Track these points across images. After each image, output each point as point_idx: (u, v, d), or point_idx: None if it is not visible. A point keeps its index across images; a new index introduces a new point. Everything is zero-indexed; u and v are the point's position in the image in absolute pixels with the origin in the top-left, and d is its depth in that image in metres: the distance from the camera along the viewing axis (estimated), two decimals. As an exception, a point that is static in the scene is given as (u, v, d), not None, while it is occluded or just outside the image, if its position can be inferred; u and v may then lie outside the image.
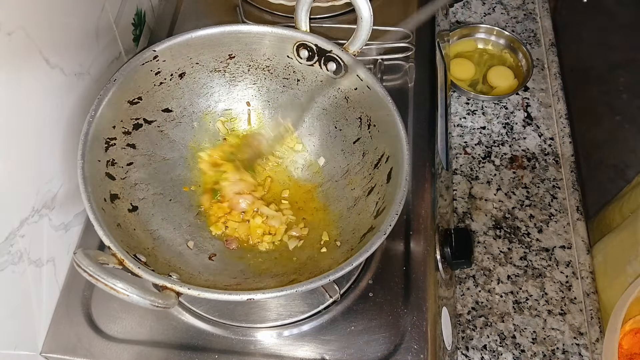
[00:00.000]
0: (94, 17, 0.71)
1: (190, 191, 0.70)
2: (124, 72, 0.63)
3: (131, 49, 0.83)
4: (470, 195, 0.97)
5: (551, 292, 0.88)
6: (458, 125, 1.05)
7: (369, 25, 0.64)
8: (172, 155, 0.70)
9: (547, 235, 0.94)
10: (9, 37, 0.54)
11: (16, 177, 0.58)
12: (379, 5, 0.86)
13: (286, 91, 0.72)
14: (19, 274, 0.60)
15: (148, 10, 0.89)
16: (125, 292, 0.47)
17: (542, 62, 1.14)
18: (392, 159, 0.62)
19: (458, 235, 0.72)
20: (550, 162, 1.01)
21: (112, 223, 0.57)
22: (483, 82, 1.11)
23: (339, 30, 0.85)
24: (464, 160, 1.01)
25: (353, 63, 0.65)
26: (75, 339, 0.64)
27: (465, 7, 1.21)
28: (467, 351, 0.83)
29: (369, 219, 0.61)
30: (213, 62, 0.70)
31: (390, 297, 0.66)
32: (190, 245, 0.65)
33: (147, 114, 0.67)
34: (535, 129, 1.05)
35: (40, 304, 0.64)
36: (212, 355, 0.63)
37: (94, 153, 0.59)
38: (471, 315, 0.86)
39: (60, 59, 0.63)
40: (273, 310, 0.66)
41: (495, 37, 1.15)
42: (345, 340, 0.64)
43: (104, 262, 0.50)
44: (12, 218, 0.58)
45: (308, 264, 0.63)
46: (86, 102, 0.68)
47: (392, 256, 0.69)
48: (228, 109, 0.73)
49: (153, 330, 0.65)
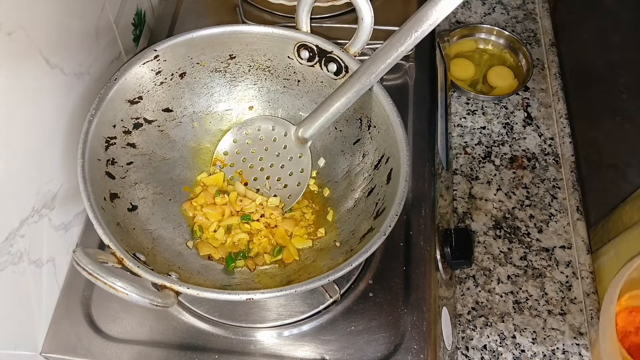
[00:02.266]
0: (94, 17, 0.71)
1: (190, 191, 0.70)
2: (124, 71, 0.63)
3: (131, 49, 0.83)
4: (470, 195, 0.97)
5: (551, 292, 0.88)
6: (458, 125, 1.05)
7: (370, 27, 0.64)
8: (172, 155, 0.70)
9: (547, 235, 0.94)
10: (9, 37, 0.54)
11: (16, 177, 0.58)
12: (379, 5, 0.86)
13: (287, 92, 0.72)
14: (19, 274, 0.60)
15: (148, 10, 0.89)
16: (124, 290, 0.47)
17: (542, 62, 1.14)
18: (392, 160, 0.62)
19: (458, 235, 0.72)
20: (550, 162, 1.01)
21: (111, 222, 0.57)
22: (483, 82, 1.11)
23: (339, 30, 0.85)
24: (464, 160, 1.01)
25: (354, 64, 0.65)
26: (75, 339, 0.64)
27: (465, 7, 1.21)
28: (467, 351, 0.83)
29: (369, 219, 0.61)
30: (214, 62, 0.70)
31: (390, 297, 0.66)
32: (189, 245, 0.65)
33: (148, 113, 0.67)
34: (535, 129, 1.05)
35: (40, 304, 0.64)
36: (212, 355, 0.63)
37: (94, 152, 0.59)
38: (471, 315, 0.86)
39: (60, 59, 0.63)
40: (273, 310, 0.66)
41: (495, 37, 1.15)
42: (345, 340, 0.64)
43: (104, 261, 0.50)
44: (12, 218, 0.58)
45: (308, 264, 0.63)
46: (86, 102, 0.68)
47: (392, 256, 0.69)
48: (228, 109, 0.73)
49: (153, 330, 0.65)
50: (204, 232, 0.66)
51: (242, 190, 0.69)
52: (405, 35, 0.59)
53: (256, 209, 0.68)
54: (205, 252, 0.64)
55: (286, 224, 0.67)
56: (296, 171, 0.70)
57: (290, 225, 0.67)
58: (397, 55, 0.60)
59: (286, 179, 0.70)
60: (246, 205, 0.68)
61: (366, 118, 0.67)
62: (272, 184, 0.70)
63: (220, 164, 0.71)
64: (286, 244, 0.66)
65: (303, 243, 0.66)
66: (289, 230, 0.67)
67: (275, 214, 0.68)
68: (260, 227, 0.67)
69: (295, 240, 0.66)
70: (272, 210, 0.68)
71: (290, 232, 0.67)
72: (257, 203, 0.68)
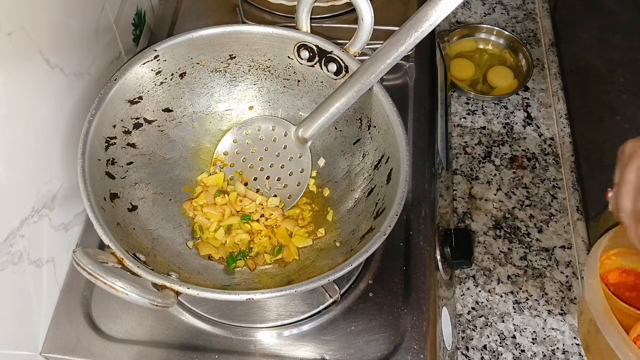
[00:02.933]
0: (94, 17, 0.71)
1: (190, 191, 0.70)
2: (124, 71, 0.63)
3: (131, 49, 0.83)
4: (470, 195, 0.97)
5: (551, 292, 0.88)
6: (458, 125, 1.05)
7: (370, 27, 0.64)
8: (172, 155, 0.70)
9: (547, 235, 0.94)
10: (9, 37, 0.54)
11: (16, 177, 0.58)
12: (379, 5, 0.86)
13: (287, 92, 0.72)
14: (19, 274, 0.60)
15: (148, 10, 0.89)
16: (124, 290, 0.47)
17: (542, 62, 1.14)
18: (392, 160, 0.62)
19: (458, 235, 0.72)
20: (550, 162, 1.01)
21: (111, 222, 0.57)
22: (483, 82, 1.11)
23: (339, 30, 0.85)
24: (464, 160, 1.01)
25: (354, 64, 0.65)
26: (75, 339, 0.64)
27: (465, 7, 1.21)
28: (467, 351, 0.83)
29: (369, 219, 0.61)
30: (214, 62, 0.70)
31: (390, 297, 0.66)
32: (189, 245, 0.65)
33: (148, 113, 0.67)
34: (535, 129, 1.05)
35: (40, 304, 0.64)
36: (212, 355, 0.63)
37: (94, 152, 0.59)
38: (471, 315, 0.86)
39: (60, 59, 0.63)
40: (273, 310, 0.66)
41: (495, 37, 1.15)
42: (345, 340, 0.64)
43: (104, 261, 0.50)
44: (12, 218, 0.58)
45: (308, 264, 0.63)
46: (86, 102, 0.68)
47: (392, 256, 0.69)
48: (228, 109, 0.73)
49: (153, 330, 0.65)
50: (204, 232, 0.66)
51: (242, 190, 0.69)
52: (405, 35, 0.59)
53: (256, 209, 0.68)
54: (205, 252, 0.64)
55: (286, 223, 0.67)
56: (296, 171, 0.70)
57: (291, 225, 0.67)
58: (397, 55, 0.60)
59: (286, 179, 0.70)
60: (246, 205, 0.68)
61: (366, 118, 0.67)
62: (272, 184, 0.70)
63: (220, 164, 0.71)
64: (287, 243, 0.66)
65: (303, 242, 0.66)
66: (289, 230, 0.67)
67: (275, 214, 0.68)
68: (261, 227, 0.67)
69: (295, 239, 0.66)
70: (272, 210, 0.68)
71: (290, 232, 0.67)
72: (257, 203, 0.68)
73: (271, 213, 0.68)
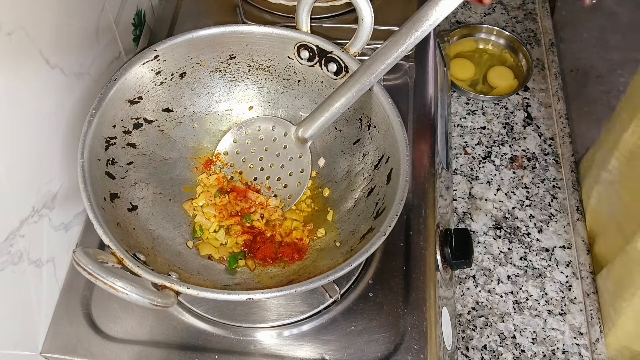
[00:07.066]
0: (94, 17, 0.71)
1: (190, 191, 0.70)
2: (124, 71, 0.63)
3: (131, 49, 0.83)
4: (470, 195, 0.97)
5: (551, 292, 0.88)
6: (458, 125, 1.05)
7: (370, 27, 0.64)
8: (172, 155, 0.70)
9: (547, 235, 0.94)
10: (9, 37, 0.54)
11: (16, 177, 0.58)
12: (379, 5, 0.86)
13: (287, 92, 0.72)
14: (19, 274, 0.60)
15: (148, 10, 0.89)
16: (124, 290, 0.47)
17: (542, 62, 1.14)
18: (392, 160, 0.62)
19: (458, 235, 0.72)
20: (550, 162, 1.01)
21: (111, 222, 0.57)
22: (483, 82, 1.11)
23: (339, 30, 0.85)
24: (464, 160, 1.01)
25: (354, 64, 0.65)
26: (75, 339, 0.64)
27: (465, 7, 1.21)
28: (467, 351, 0.83)
29: (369, 219, 0.61)
30: (214, 62, 0.70)
31: (390, 297, 0.66)
32: (189, 245, 0.65)
33: (148, 113, 0.67)
34: (535, 129, 1.05)
35: (40, 304, 0.64)
36: (212, 355, 0.63)
37: (94, 152, 0.59)
38: (471, 315, 0.86)
39: (60, 59, 0.63)
40: (273, 310, 0.66)
41: (495, 37, 1.15)
42: (345, 340, 0.64)
43: (104, 261, 0.50)
44: (12, 218, 0.58)
45: (308, 264, 0.63)
46: (86, 102, 0.68)
47: (392, 256, 0.69)
48: (228, 109, 0.73)
49: (153, 330, 0.65)
50: (204, 232, 0.66)
51: (243, 190, 0.69)
52: (405, 35, 0.59)
53: (256, 209, 0.68)
54: (205, 252, 0.64)
55: (286, 223, 0.67)
56: (296, 171, 0.70)
57: (291, 224, 0.67)
58: (397, 55, 0.60)
59: (286, 179, 0.70)
60: (246, 205, 0.68)
61: (366, 118, 0.67)
62: (272, 184, 0.70)
63: (220, 164, 0.71)
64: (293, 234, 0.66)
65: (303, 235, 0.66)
66: (289, 229, 0.67)
67: (275, 214, 0.68)
68: (261, 227, 0.67)
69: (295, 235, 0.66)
70: (272, 210, 0.68)
71: (290, 231, 0.67)
72: (257, 203, 0.68)
73: (271, 213, 0.68)
